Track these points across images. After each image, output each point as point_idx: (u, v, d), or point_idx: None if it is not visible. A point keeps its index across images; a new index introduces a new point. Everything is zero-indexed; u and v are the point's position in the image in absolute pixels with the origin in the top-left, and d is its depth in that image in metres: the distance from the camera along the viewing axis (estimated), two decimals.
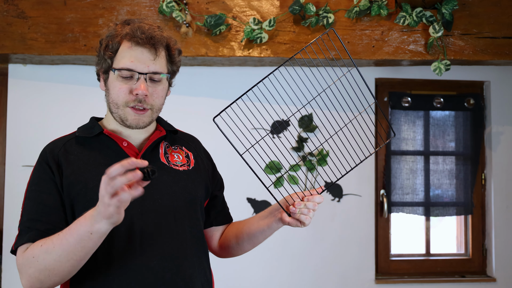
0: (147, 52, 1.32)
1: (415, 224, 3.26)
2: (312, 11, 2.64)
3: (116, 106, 1.34)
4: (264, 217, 1.43)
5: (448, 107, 3.16)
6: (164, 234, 1.30)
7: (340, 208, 2.99)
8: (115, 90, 1.33)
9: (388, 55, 2.73)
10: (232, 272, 2.87)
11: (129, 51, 1.32)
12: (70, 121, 2.84)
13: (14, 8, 2.60)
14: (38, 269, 1.21)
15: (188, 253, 1.33)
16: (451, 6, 2.65)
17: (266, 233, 1.44)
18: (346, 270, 2.98)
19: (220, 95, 2.95)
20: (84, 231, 1.14)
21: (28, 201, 1.31)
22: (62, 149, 1.35)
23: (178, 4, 2.62)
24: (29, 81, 2.86)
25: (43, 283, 1.22)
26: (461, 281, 3.05)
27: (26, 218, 1.30)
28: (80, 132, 1.39)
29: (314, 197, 1.34)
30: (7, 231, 2.81)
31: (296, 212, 1.33)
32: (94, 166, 1.32)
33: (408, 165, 3.16)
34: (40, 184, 1.32)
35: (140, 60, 1.31)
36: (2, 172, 2.93)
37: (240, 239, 1.50)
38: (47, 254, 1.19)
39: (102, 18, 2.63)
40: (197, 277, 1.34)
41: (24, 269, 1.23)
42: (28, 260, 1.22)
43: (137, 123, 1.35)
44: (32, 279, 1.22)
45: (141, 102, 1.32)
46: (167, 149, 1.43)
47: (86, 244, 1.16)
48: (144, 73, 1.31)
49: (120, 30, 1.34)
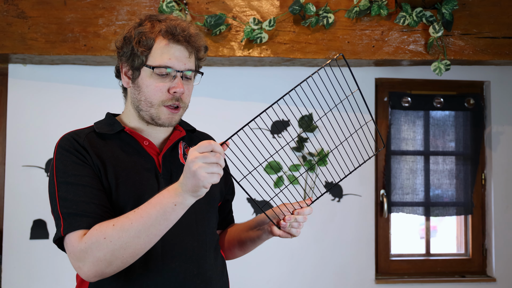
0: (184, 50, 1.31)
1: (415, 224, 3.26)
2: (312, 11, 2.64)
3: (149, 105, 1.31)
4: (254, 227, 1.42)
5: (448, 107, 3.16)
6: (185, 235, 1.29)
7: (340, 208, 2.99)
8: (151, 88, 1.30)
9: (388, 55, 2.73)
10: (232, 272, 2.86)
11: (167, 48, 1.30)
12: (70, 121, 2.85)
13: (14, 8, 2.60)
14: (111, 250, 1.14)
15: (207, 255, 1.33)
16: (451, 6, 2.65)
17: (257, 243, 1.44)
18: (346, 270, 2.98)
19: (220, 95, 2.95)
20: (168, 202, 1.13)
21: (67, 186, 1.22)
22: (86, 140, 1.29)
23: (178, 4, 2.62)
24: (29, 81, 2.86)
25: (111, 266, 1.16)
26: (461, 281, 3.05)
27: (72, 202, 1.20)
28: (99, 128, 1.34)
29: (304, 210, 1.32)
30: (7, 231, 2.81)
31: (287, 226, 1.31)
32: (118, 161, 1.29)
33: (408, 165, 3.16)
34: (77, 168, 1.24)
35: (178, 58, 1.30)
36: (2, 172, 2.93)
37: (231, 245, 1.50)
38: (123, 231, 1.14)
39: (102, 18, 2.63)
40: (215, 279, 1.34)
41: (90, 253, 1.15)
42: (96, 243, 1.15)
43: (170, 122, 1.32)
44: (101, 262, 1.15)
45: (178, 100, 1.31)
46: (186, 150, 1.41)
47: (169, 216, 1.14)
48: (181, 71, 1.30)
49: (153, 26, 1.31)
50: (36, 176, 2.82)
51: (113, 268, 1.17)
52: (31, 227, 2.81)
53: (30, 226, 2.81)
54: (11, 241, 2.80)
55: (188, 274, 1.27)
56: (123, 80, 1.37)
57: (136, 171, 1.28)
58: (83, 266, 1.17)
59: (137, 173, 1.28)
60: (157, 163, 1.33)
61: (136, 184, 1.27)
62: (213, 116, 2.90)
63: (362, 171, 3.00)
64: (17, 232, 2.81)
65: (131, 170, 1.29)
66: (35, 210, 2.80)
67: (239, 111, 2.94)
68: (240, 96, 2.96)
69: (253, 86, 2.97)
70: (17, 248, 2.80)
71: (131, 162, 1.30)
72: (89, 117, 2.22)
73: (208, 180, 1.09)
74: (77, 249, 1.17)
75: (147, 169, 1.29)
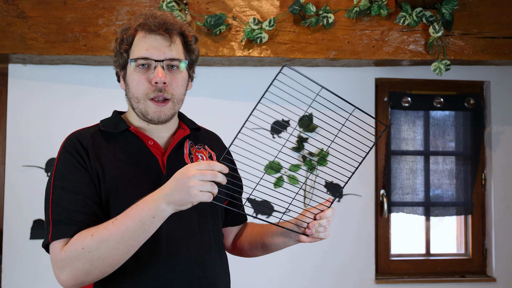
0: (161, 39, 1.29)
1: (415, 224, 3.26)
2: (312, 11, 2.64)
3: (136, 100, 1.31)
4: (279, 234, 1.41)
5: (448, 107, 3.16)
6: (189, 238, 1.29)
7: (340, 208, 2.99)
8: (134, 82, 1.30)
9: (388, 55, 2.73)
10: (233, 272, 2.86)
11: (144, 40, 1.29)
12: (70, 121, 2.85)
13: (14, 8, 2.60)
14: (89, 260, 1.15)
15: (212, 257, 1.33)
16: (451, 6, 2.65)
17: (281, 247, 1.44)
18: (346, 270, 2.98)
19: (220, 95, 2.95)
20: (146, 215, 1.13)
21: (61, 191, 1.23)
22: (90, 141, 1.30)
23: (178, 4, 2.62)
24: (29, 81, 2.86)
25: (89, 275, 1.17)
26: (461, 281, 3.05)
27: (63, 209, 1.21)
28: (105, 127, 1.34)
29: (325, 213, 1.31)
30: (7, 231, 2.81)
31: (314, 233, 1.30)
32: (120, 164, 1.29)
33: (408, 165, 3.16)
34: (74, 174, 1.24)
35: (155, 47, 1.28)
36: (2, 172, 2.93)
37: (253, 247, 1.50)
38: (102, 243, 1.14)
39: (102, 18, 2.63)
40: (220, 280, 1.34)
41: (69, 263, 1.16)
42: (75, 252, 1.15)
43: (158, 116, 1.30)
44: (79, 272, 1.16)
45: (161, 91, 1.28)
46: (191, 149, 1.40)
47: (148, 228, 1.14)
48: (161, 60, 1.28)
49: (134, 22, 1.32)
50: (36, 176, 2.82)
51: (92, 277, 1.18)
52: (31, 227, 2.81)
53: (30, 226, 2.81)
54: (11, 241, 2.80)
55: (193, 276, 1.27)
56: (120, 83, 1.38)
57: (137, 175, 1.28)
58: (62, 274, 1.18)
59: (138, 177, 1.27)
60: (161, 164, 1.32)
61: (137, 188, 1.26)
62: (213, 116, 2.90)
63: (362, 171, 3.00)
64: (17, 232, 2.81)
65: (133, 173, 1.28)
66: (35, 210, 2.80)
67: (239, 111, 2.94)
68: (240, 96, 2.96)
69: (253, 86, 2.97)
70: (17, 248, 2.80)
71: (133, 164, 1.30)
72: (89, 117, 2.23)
73: (199, 198, 1.10)
74: (58, 257, 1.19)
75: (150, 172, 1.28)
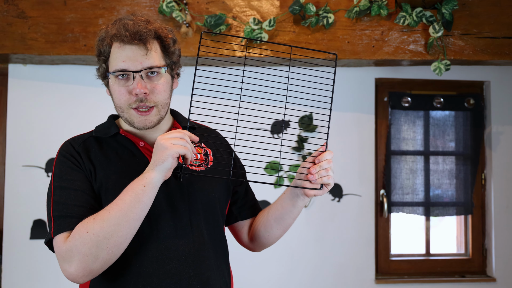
0: (137, 49, 1.28)
1: (415, 224, 3.26)
2: (312, 11, 2.64)
3: (121, 110, 1.32)
4: (287, 199, 1.40)
5: (448, 107, 3.16)
6: (180, 237, 1.29)
7: (340, 208, 2.99)
8: (116, 94, 1.31)
9: (388, 55, 2.73)
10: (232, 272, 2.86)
11: (119, 51, 1.28)
12: (70, 121, 2.85)
13: (14, 8, 2.60)
14: (95, 242, 1.16)
15: (205, 256, 1.32)
16: (451, 6, 2.65)
17: (294, 213, 1.41)
18: (346, 270, 2.98)
19: (220, 95, 2.95)
20: (137, 185, 1.20)
21: (61, 190, 1.27)
22: (82, 145, 1.34)
23: (178, 4, 2.62)
24: (29, 81, 2.86)
25: (97, 260, 1.18)
26: (461, 281, 3.05)
27: (64, 205, 1.24)
28: (97, 132, 1.38)
29: (323, 155, 1.30)
30: (7, 231, 2.81)
31: (316, 178, 1.29)
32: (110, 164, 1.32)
33: (408, 165, 3.16)
34: (71, 174, 1.29)
35: (131, 59, 1.28)
36: (2, 172, 2.93)
37: (268, 226, 1.46)
38: (104, 221, 1.17)
39: (102, 18, 2.63)
40: (215, 280, 1.33)
41: (75, 250, 1.17)
42: (80, 238, 1.17)
43: (144, 124, 1.32)
44: (87, 258, 1.17)
45: (142, 101, 1.29)
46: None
47: (142, 198, 1.19)
48: (138, 71, 1.28)
49: (109, 31, 1.31)
50: (36, 176, 2.82)
51: (100, 262, 1.18)
52: (31, 227, 2.81)
53: (30, 226, 2.81)
54: (11, 241, 2.80)
55: (183, 275, 1.27)
56: (106, 89, 1.40)
57: (126, 175, 1.29)
58: (70, 266, 1.19)
59: (127, 177, 1.27)
60: None
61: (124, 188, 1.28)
62: (213, 116, 2.89)
63: (362, 171, 3.00)
64: (17, 232, 2.81)
65: (122, 173, 1.30)
66: (35, 210, 2.80)
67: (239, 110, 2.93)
68: (239, 96, 2.96)
69: (253, 86, 2.97)
70: (17, 248, 2.80)
71: (123, 165, 1.32)
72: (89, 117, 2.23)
73: (174, 150, 1.17)
74: (63, 249, 1.20)
75: (140, 172, 1.28)
